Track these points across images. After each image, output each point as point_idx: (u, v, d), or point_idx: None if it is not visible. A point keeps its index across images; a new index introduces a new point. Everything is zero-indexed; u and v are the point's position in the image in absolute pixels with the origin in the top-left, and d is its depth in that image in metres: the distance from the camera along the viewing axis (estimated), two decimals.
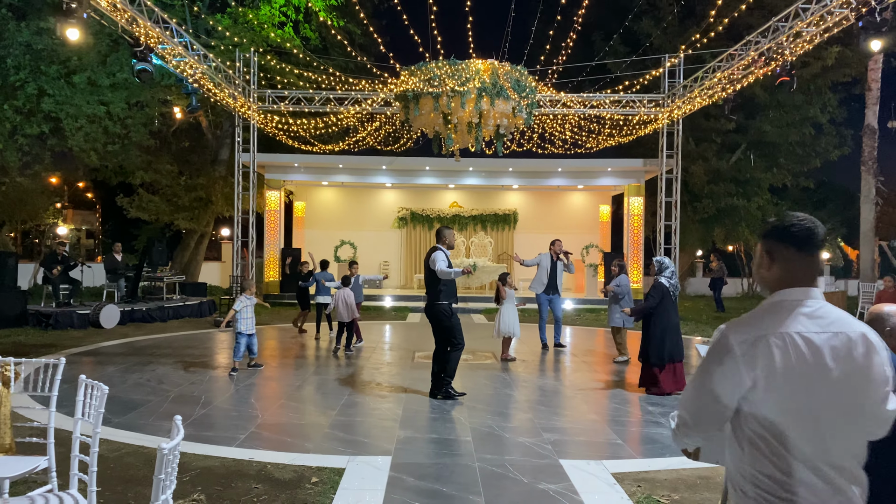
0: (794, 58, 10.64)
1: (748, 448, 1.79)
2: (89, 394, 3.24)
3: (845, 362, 1.74)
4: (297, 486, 4.57)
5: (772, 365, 1.73)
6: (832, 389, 1.72)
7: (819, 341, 1.74)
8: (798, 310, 1.80)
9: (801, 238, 1.84)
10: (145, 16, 10.52)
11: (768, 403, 1.73)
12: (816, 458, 1.72)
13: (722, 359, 1.79)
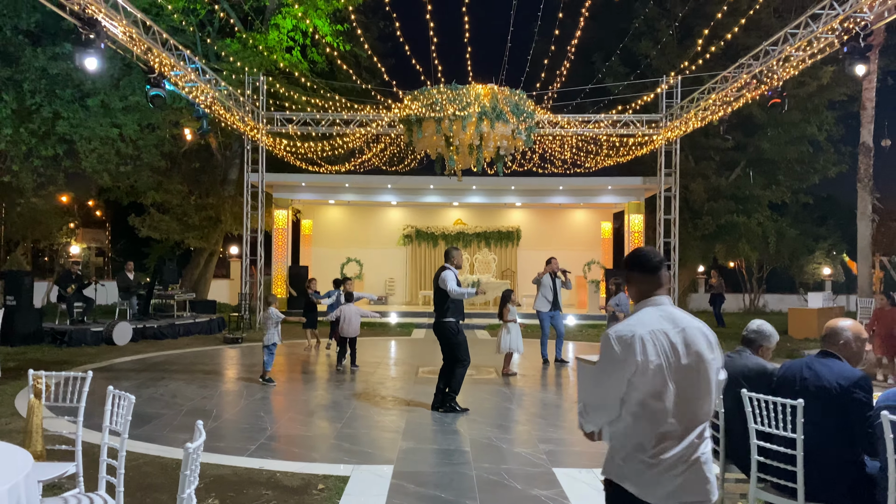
0: (780, 83, 10.97)
1: (631, 420, 2.38)
2: (117, 403, 3.57)
3: (691, 349, 2.38)
4: (305, 492, 4.87)
5: (645, 354, 2.34)
6: (685, 369, 2.36)
7: (673, 335, 2.38)
8: (656, 314, 2.43)
9: (641, 264, 2.53)
10: (159, 45, 10.97)
11: (643, 383, 2.34)
12: (678, 418, 2.34)
13: (611, 354, 2.40)
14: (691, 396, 2.35)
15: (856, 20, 8.89)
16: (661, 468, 2.32)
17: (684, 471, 2.32)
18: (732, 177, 22.81)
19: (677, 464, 2.32)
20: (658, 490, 2.33)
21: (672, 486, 2.32)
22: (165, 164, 18.88)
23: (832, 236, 27.52)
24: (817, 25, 9.63)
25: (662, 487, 2.33)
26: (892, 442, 3.01)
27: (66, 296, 14.15)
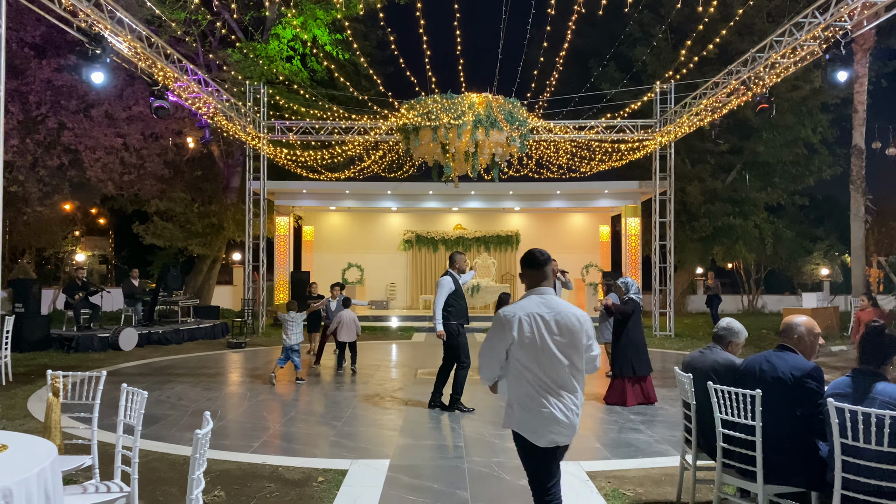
0: (767, 89, 11.25)
1: (513, 379, 3.24)
2: (130, 399, 3.87)
3: (565, 328, 3.19)
4: (305, 484, 5.16)
5: (522, 330, 3.16)
6: (557, 344, 3.18)
7: (548, 317, 3.21)
8: (537, 300, 3.26)
9: (531, 262, 3.36)
10: (163, 58, 11.29)
11: (521, 352, 3.17)
12: (549, 380, 3.17)
13: (498, 328, 3.24)
14: (561, 363, 3.18)
15: (836, 28, 9.19)
16: (541, 419, 3.14)
17: (558, 420, 3.13)
18: (729, 179, 23.08)
19: (553, 415, 3.13)
20: (541, 437, 3.16)
21: (550, 433, 3.14)
22: (168, 172, 19.20)
23: (830, 237, 27.76)
24: (801, 34, 9.93)
25: (543, 435, 3.15)
26: (837, 426, 3.29)
27: (74, 303, 14.46)
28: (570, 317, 3.22)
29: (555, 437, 3.16)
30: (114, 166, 18.47)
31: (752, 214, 22.75)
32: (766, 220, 23.12)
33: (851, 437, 3.25)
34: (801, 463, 3.61)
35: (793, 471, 3.64)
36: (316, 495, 4.90)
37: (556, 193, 19.85)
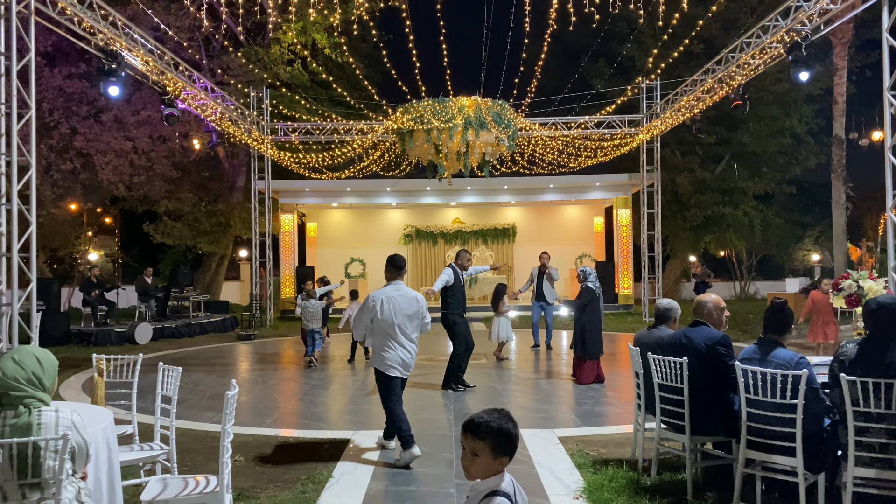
0: (740, 86, 11.96)
1: (376, 336, 5.50)
2: (167, 374, 4.67)
3: (409, 303, 5.51)
4: (314, 452, 5.95)
5: (382, 307, 5.44)
6: (403, 313, 5.46)
7: (398, 298, 5.50)
8: (392, 288, 5.58)
9: (392, 264, 5.72)
10: (172, 68, 12.06)
11: (381, 320, 5.43)
12: (396, 336, 5.45)
13: (367, 305, 5.50)
14: (404, 327, 5.46)
15: (797, 32, 9.90)
16: (393, 359, 5.45)
17: (401, 361, 5.48)
18: (718, 170, 23.77)
19: (398, 357, 5.46)
20: (389, 370, 5.44)
21: (395, 368, 5.46)
22: (176, 173, 19.99)
23: (821, 223, 28.42)
24: (766, 36, 10.64)
25: (391, 369, 5.45)
26: (743, 385, 4.06)
27: (91, 300, 15.28)
28: (411, 299, 5.56)
29: (397, 371, 5.47)
30: (124, 168, 19.25)
31: (741, 203, 23.46)
32: (756, 208, 23.82)
33: (753, 392, 4.03)
34: (719, 415, 4.39)
35: (712, 422, 4.42)
36: (323, 459, 5.69)
37: (549, 187, 20.57)
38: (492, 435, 2.15)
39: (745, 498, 4.38)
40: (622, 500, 4.46)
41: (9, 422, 2.80)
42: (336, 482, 5.06)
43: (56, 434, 2.82)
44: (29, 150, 8.17)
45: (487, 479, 2.15)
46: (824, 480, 4.00)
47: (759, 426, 4.04)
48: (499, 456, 2.15)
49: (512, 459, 2.16)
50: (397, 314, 5.41)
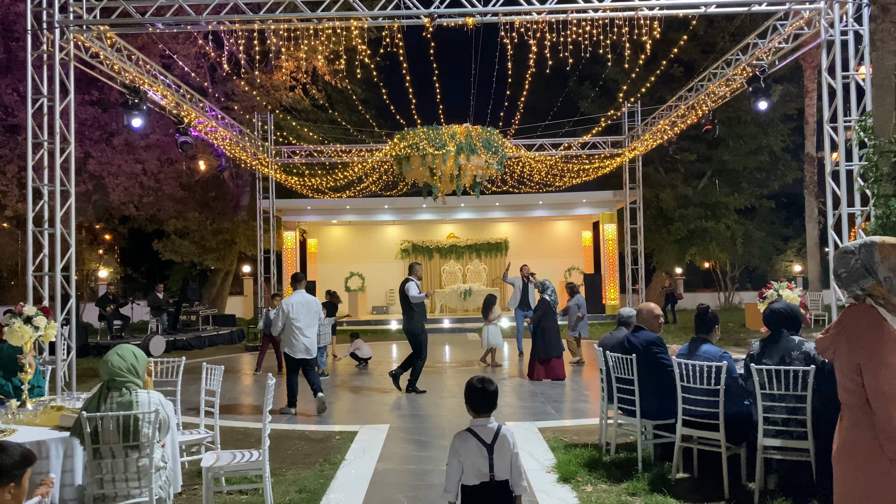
0: (710, 112, 13.04)
1: (286, 329, 8.09)
2: (210, 372, 5.65)
3: (308, 306, 8.07)
4: (327, 441, 6.92)
5: (293, 309, 8.02)
6: (307, 313, 8.06)
7: (304, 302, 8.08)
8: (300, 295, 8.14)
9: (292, 278, 8.44)
10: (186, 100, 13.09)
11: (292, 318, 7.99)
12: (301, 329, 8.03)
13: (281, 309, 8.11)
14: (308, 323, 8.10)
15: (756, 66, 10.98)
16: (297, 346, 8.02)
17: (304, 348, 8.01)
18: (700, 185, 24.87)
19: (302, 344, 7.99)
20: (296, 353, 7.98)
21: (300, 352, 7.99)
22: (184, 193, 20.98)
23: (801, 235, 29.49)
24: (729, 69, 11.73)
25: (297, 353, 8.00)
26: (678, 376, 5.06)
27: (106, 314, 16.22)
28: (310, 302, 8.06)
29: (302, 354, 7.97)
30: (134, 190, 20.23)
31: (723, 217, 24.52)
32: (737, 221, 24.89)
33: (686, 381, 5.03)
34: (658, 400, 5.39)
35: (655, 406, 5.42)
36: (336, 446, 6.67)
37: (538, 203, 21.62)
38: None
39: (686, 469, 5.38)
40: (584, 472, 5.45)
41: (115, 400, 3.79)
42: (348, 463, 6.03)
43: (148, 410, 3.81)
44: (69, 180, 9.16)
45: None
46: (745, 450, 5.00)
47: (692, 408, 5.03)
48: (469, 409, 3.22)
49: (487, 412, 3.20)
50: (301, 315, 7.94)
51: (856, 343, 2.62)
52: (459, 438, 3.33)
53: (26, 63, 8.87)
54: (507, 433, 3.32)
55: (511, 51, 9.18)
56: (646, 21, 8.71)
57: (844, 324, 2.72)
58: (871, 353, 2.57)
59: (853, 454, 2.61)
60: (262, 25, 8.92)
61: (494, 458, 3.25)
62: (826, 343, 2.78)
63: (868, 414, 2.56)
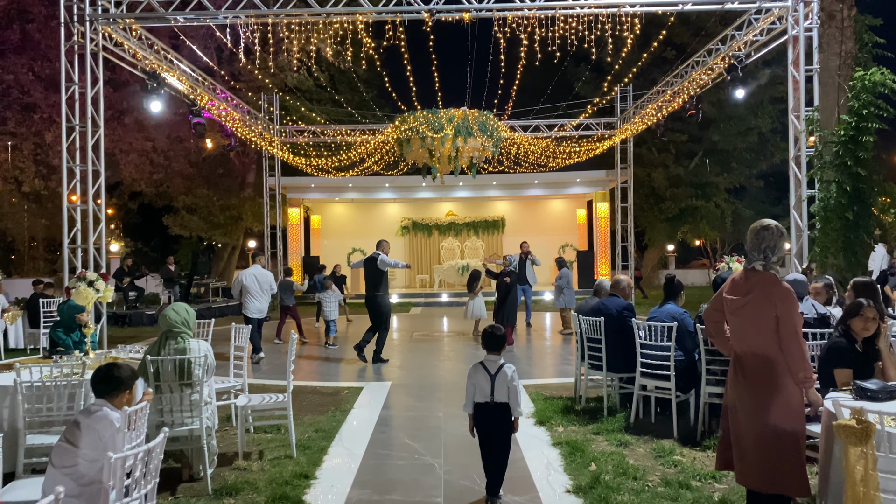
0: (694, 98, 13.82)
1: (245, 295, 10.01)
2: (238, 331, 6.56)
3: (263, 277, 9.97)
4: (336, 394, 7.86)
5: (248, 279, 10.00)
6: (260, 284, 9.91)
7: (256, 273, 9.97)
8: (254, 267, 10.07)
9: (252, 255, 8.95)
10: (200, 84, 13.86)
11: (247, 286, 10.01)
12: (257, 294, 9.94)
13: (237, 279, 10.10)
14: (261, 291, 9.92)
15: (734, 57, 11.76)
16: (253, 307, 9.96)
17: (258, 308, 10.00)
18: (692, 166, 25.65)
19: (257, 306, 9.97)
20: (252, 313, 9.95)
21: (255, 312, 9.97)
22: (192, 170, 21.78)
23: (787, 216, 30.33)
24: (710, 58, 12.50)
25: (253, 313, 9.97)
26: (637, 335, 5.97)
27: (122, 287, 17.13)
28: (264, 274, 9.92)
29: (256, 315, 9.94)
30: (144, 167, 21.05)
31: (713, 196, 25.34)
32: (727, 200, 25.72)
33: (645, 339, 5.94)
34: (624, 357, 6.31)
35: (620, 362, 6.34)
36: (346, 398, 7.61)
37: (534, 183, 22.44)
38: None
39: (645, 415, 6.32)
40: (558, 417, 6.39)
41: (172, 346, 4.70)
42: (356, 411, 6.98)
43: (199, 355, 4.72)
44: (99, 161, 10.01)
45: None
46: (694, 397, 5.92)
47: (649, 362, 5.95)
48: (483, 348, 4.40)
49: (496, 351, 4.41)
50: (251, 284, 9.82)
51: (775, 302, 3.49)
52: (473, 368, 4.44)
53: (45, 46, 9.66)
54: (508, 369, 4.36)
55: (504, 44, 9.96)
56: (627, 17, 9.46)
57: (759, 287, 3.58)
58: (786, 307, 3.47)
59: (765, 384, 3.50)
60: (275, 20, 9.70)
61: (495, 384, 4.30)
62: (739, 302, 3.67)
63: (777, 353, 3.45)
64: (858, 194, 8.01)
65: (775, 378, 3.46)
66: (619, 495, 4.36)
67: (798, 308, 3.54)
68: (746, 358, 3.62)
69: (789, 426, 3.38)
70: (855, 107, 8.06)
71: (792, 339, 3.42)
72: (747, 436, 3.54)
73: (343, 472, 5.08)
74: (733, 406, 3.68)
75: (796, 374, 3.41)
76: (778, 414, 3.42)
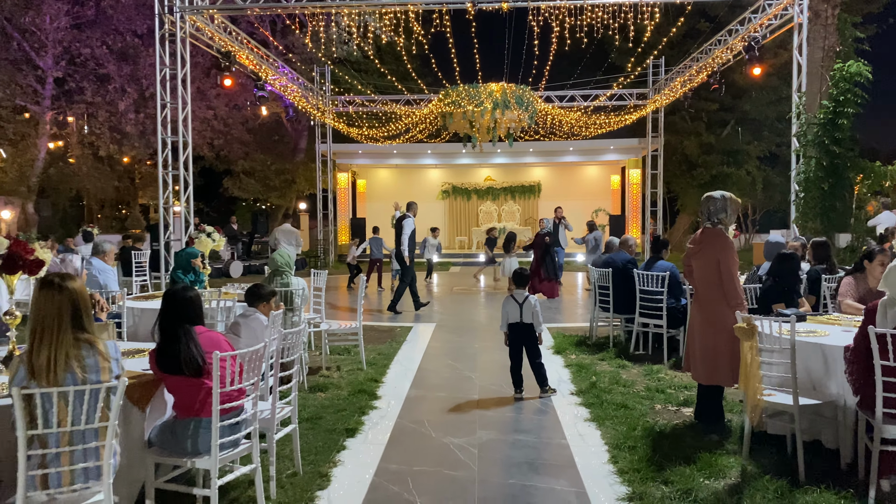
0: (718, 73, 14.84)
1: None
2: (316, 274, 8.18)
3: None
4: (391, 332, 9.47)
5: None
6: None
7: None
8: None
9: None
10: (263, 60, 15.41)
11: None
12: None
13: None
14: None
15: (751, 38, 12.78)
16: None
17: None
18: (724, 133, 26.42)
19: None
20: None
21: None
22: (250, 137, 23.53)
23: None
24: (731, 38, 13.53)
25: None
26: (637, 282, 7.39)
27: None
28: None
29: None
30: (206, 133, 22.86)
31: (744, 164, 26.13)
32: (758, 167, 26.48)
33: (642, 285, 7.37)
34: (629, 302, 7.75)
35: (625, 304, 7.79)
36: (399, 334, 9.23)
37: (569, 150, 23.59)
38: None
39: (644, 348, 7.77)
40: (572, 348, 7.90)
41: (279, 282, 6.31)
42: (408, 341, 8.59)
43: (298, 288, 6.32)
44: (187, 132, 11.67)
45: None
46: (683, 334, 7.35)
47: (646, 304, 7.39)
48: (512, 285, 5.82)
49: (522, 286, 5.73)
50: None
51: (718, 250, 4.91)
52: (506, 299, 5.98)
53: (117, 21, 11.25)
54: (532, 299, 5.88)
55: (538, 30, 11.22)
56: (648, 7, 10.63)
57: (708, 239, 5.01)
58: (725, 255, 4.88)
59: (712, 308, 4.94)
60: (337, 9, 11.13)
61: (522, 310, 5.82)
62: (695, 250, 5.09)
63: (719, 287, 4.87)
64: (834, 169, 9.21)
65: (716, 303, 4.89)
66: (608, 395, 5.87)
67: (734, 255, 4.94)
68: (699, 288, 5.05)
69: (723, 336, 4.81)
70: (833, 94, 9.20)
71: (727, 276, 4.84)
72: (697, 344, 4.99)
73: (402, 378, 6.69)
74: (691, 324, 5.14)
75: (730, 300, 4.83)
76: (716, 328, 4.85)
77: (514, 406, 5.76)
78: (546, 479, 4.19)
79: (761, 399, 4.15)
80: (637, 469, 4.21)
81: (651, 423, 5.08)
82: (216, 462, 3.28)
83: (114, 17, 21.16)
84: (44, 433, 2.69)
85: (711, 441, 4.67)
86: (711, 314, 4.89)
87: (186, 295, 3.52)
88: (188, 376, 3.33)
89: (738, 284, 4.88)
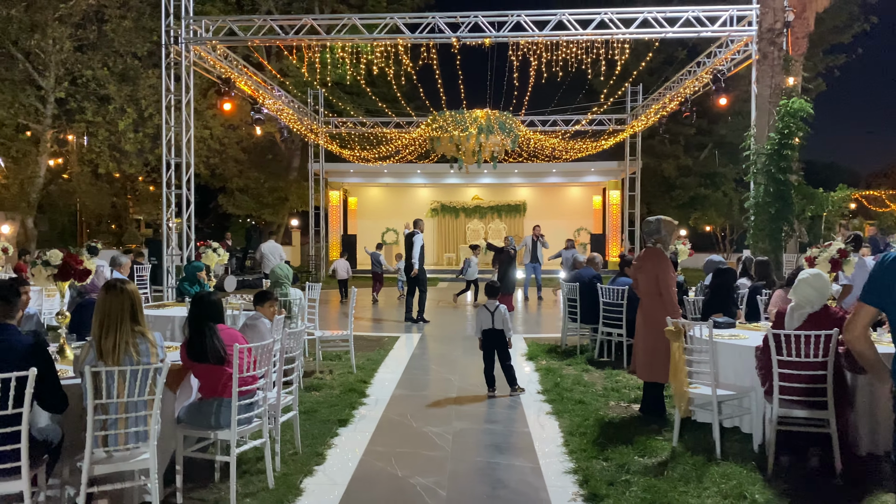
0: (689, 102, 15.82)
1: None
2: (309, 287, 8.97)
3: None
4: (380, 340, 10.25)
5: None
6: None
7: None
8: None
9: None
10: (260, 86, 16.27)
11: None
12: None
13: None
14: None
15: (717, 69, 13.77)
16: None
17: None
18: (702, 157, 27.51)
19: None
20: None
21: None
22: (244, 155, 24.33)
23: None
24: (699, 70, 14.52)
25: None
26: (601, 295, 8.22)
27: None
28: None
29: None
30: (202, 151, 23.64)
31: (721, 185, 27.19)
32: (734, 189, 27.53)
33: (605, 298, 8.20)
34: (594, 313, 8.57)
35: (592, 317, 8.61)
36: (386, 342, 10.01)
37: (552, 171, 24.55)
38: None
39: (607, 355, 8.58)
40: (543, 355, 8.71)
41: (279, 292, 7.10)
42: (395, 349, 9.37)
43: (296, 297, 7.11)
44: (189, 154, 12.46)
45: None
46: None
47: (609, 315, 8.22)
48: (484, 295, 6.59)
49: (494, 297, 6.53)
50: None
51: (656, 265, 5.75)
52: (479, 309, 6.80)
53: (118, 44, 12.05)
54: (502, 308, 6.68)
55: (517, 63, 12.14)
56: (618, 43, 11.58)
57: (648, 257, 5.86)
58: (662, 269, 5.73)
59: (652, 315, 5.76)
60: (331, 42, 12.00)
61: (494, 318, 6.63)
62: (638, 265, 5.94)
63: (659, 297, 5.71)
64: (780, 195, 10.16)
65: (656, 311, 5.72)
66: (569, 393, 6.67)
67: (670, 270, 5.78)
68: (643, 298, 5.89)
69: (661, 339, 5.63)
70: (779, 127, 10.19)
71: (665, 289, 5.68)
72: (640, 345, 5.82)
73: (389, 380, 7.47)
74: (637, 328, 5.96)
75: (668, 308, 5.66)
76: (656, 331, 5.67)
77: (486, 402, 6.56)
78: (508, 458, 4.99)
79: (687, 391, 4.97)
80: (584, 450, 5.02)
81: (602, 416, 5.89)
82: (234, 434, 4.06)
83: (115, 39, 21.97)
84: (106, 402, 3.47)
85: (651, 429, 5.48)
86: (652, 319, 5.72)
87: (211, 299, 4.32)
88: (212, 364, 4.11)
89: (673, 295, 5.71)
